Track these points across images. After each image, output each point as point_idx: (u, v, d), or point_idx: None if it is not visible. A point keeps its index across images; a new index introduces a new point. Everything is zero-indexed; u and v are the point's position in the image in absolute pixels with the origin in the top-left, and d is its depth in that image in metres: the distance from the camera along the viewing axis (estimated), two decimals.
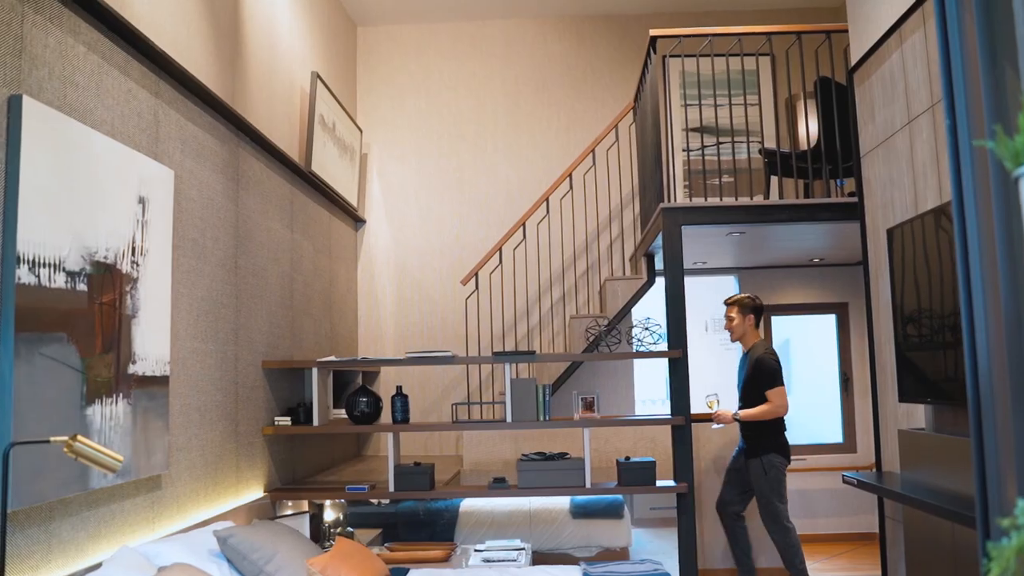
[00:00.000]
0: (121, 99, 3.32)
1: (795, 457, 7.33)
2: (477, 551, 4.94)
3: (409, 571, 4.40)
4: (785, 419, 5.32)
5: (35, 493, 2.61)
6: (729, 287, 7.88)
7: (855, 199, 5.16)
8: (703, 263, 7.30)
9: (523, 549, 4.96)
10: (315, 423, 4.92)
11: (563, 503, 5.82)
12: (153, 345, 3.42)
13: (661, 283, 7.62)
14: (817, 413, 7.79)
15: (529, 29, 7.63)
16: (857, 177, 4.36)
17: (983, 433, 1.12)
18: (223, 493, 4.20)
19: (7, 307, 2.54)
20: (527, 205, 7.22)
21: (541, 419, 4.95)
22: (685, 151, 7.02)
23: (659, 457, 6.09)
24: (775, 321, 7.79)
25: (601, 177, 6.99)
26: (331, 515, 5.26)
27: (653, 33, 5.51)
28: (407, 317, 7.38)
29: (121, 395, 3.14)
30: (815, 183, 5.91)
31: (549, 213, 6.75)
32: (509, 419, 4.94)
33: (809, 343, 7.97)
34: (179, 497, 3.71)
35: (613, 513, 5.79)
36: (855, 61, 4.31)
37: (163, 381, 3.49)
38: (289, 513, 4.82)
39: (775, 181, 5.87)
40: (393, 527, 5.71)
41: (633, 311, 6.62)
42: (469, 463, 6.15)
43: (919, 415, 3.75)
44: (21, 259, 2.57)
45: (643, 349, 5.17)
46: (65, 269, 2.80)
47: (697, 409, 5.25)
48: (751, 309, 5.53)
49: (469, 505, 5.83)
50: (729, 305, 5.62)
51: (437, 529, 5.69)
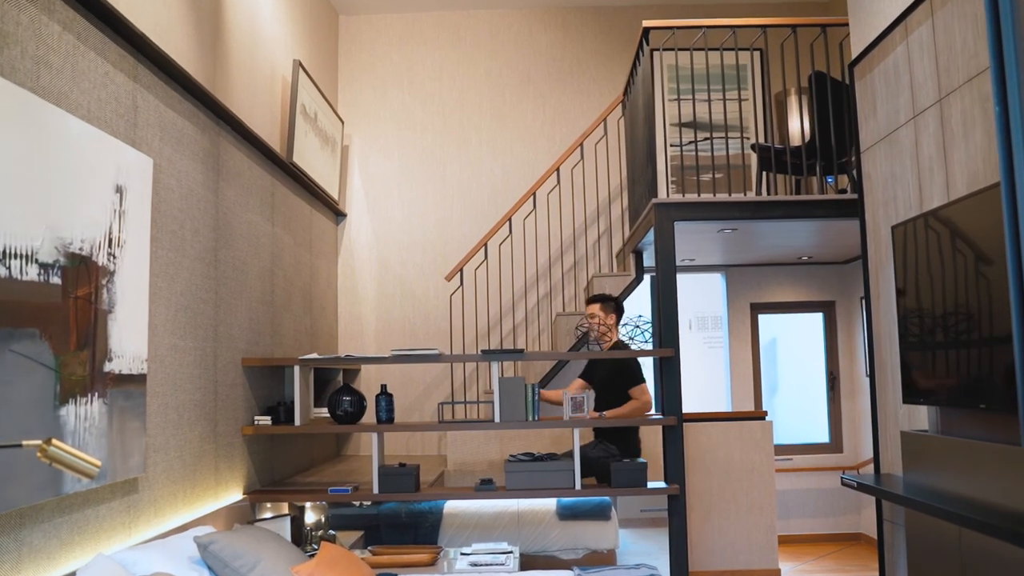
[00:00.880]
0: (98, 82, 3.14)
1: (781, 457, 7.28)
2: (464, 554, 4.80)
3: None
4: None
5: (4, 499, 2.44)
6: (716, 284, 7.79)
7: (849, 196, 5.10)
8: (691, 260, 7.20)
9: (511, 552, 4.83)
10: (297, 423, 4.75)
11: (549, 504, 5.69)
12: (130, 342, 3.24)
13: (648, 280, 7.57)
14: (803, 413, 7.72)
15: (514, 20, 7.48)
16: (857, 173, 4.26)
17: None
18: (201, 496, 4.03)
19: None
20: (512, 199, 7.08)
21: (530, 419, 4.82)
22: (672, 146, 6.91)
23: (646, 458, 5.98)
24: (761, 320, 7.71)
25: (589, 172, 6.87)
26: (312, 517, 5.10)
27: (646, 24, 5.39)
28: (388, 313, 7.22)
29: (96, 394, 2.97)
30: (805, 180, 5.82)
31: (536, 208, 6.62)
32: (497, 419, 4.80)
33: (795, 342, 7.89)
34: (156, 501, 3.54)
35: (600, 515, 5.67)
36: (856, 55, 4.21)
37: (140, 379, 3.33)
38: (269, 516, 4.65)
39: (765, 178, 5.76)
40: (375, 529, 5.55)
41: None
42: (453, 463, 6.01)
43: (920, 416, 3.65)
44: None
45: (635, 347, 5.04)
46: (38, 261, 2.63)
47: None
48: (615, 308, 5.42)
49: (453, 506, 5.68)
50: (592, 302, 5.44)
51: (420, 531, 5.54)
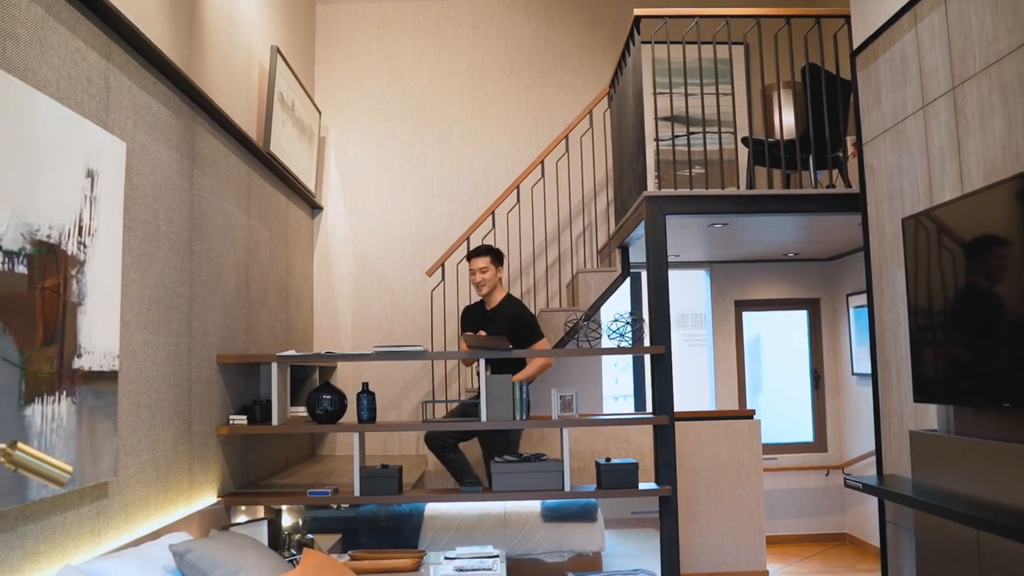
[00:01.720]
0: (68, 59, 2.93)
1: (766, 456, 7.18)
2: (448, 559, 4.63)
3: None
4: None
5: None
6: (700, 281, 7.68)
7: (845, 190, 4.99)
8: (675, 256, 7.07)
9: (497, 556, 4.67)
10: (274, 422, 4.55)
11: (534, 506, 5.53)
12: (101, 337, 3.04)
13: (634, 277, 7.43)
14: (787, 411, 7.63)
15: (496, 10, 7.31)
16: (859, 166, 4.14)
17: None
18: (175, 500, 3.82)
19: None
20: (493, 193, 6.92)
21: (518, 418, 4.66)
22: (656, 140, 6.77)
23: (634, 457, 5.85)
24: (746, 317, 7.60)
25: (574, 165, 6.72)
26: (289, 520, 4.90)
27: (638, 12, 5.25)
28: (366, 309, 7.02)
29: (65, 393, 2.77)
30: (794, 175, 5.71)
31: (520, 201, 6.45)
32: (484, 418, 4.63)
33: (779, 340, 7.80)
34: (128, 506, 3.33)
35: (586, 516, 5.52)
36: (858, 44, 4.09)
37: (111, 377, 3.12)
38: (245, 520, 4.45)
39: (755, 173, 5.64)
40: (354, 532, 5.36)
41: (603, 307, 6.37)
42: (434, 463, 5.83)
43: (928, 416, 3.54)
44: None
45: (626, 344, 4.89)
46: (1, 248, 2.42)
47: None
48: (502, 260, 5.25)
49: (434, 508, 5.50)
50: (478, 256, 5.25)
51: (401, 535, 5.36)
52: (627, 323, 4.90)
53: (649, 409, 7.70)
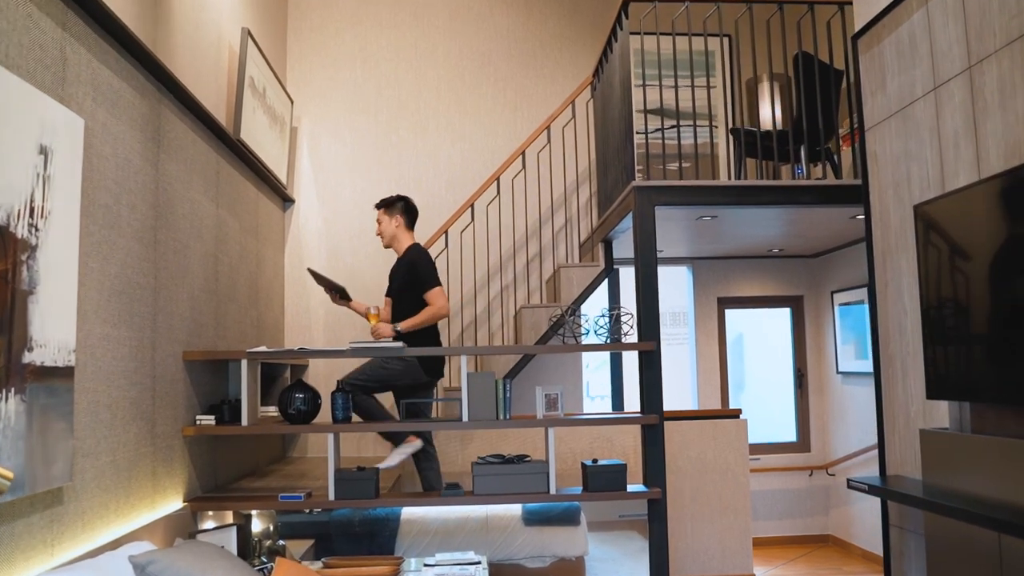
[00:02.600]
0: (19, 24, 2.68)
1: (749, 456, 7.02)
2: (427, 566, 4.40)
3: None
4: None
5: None
6: (682, 278, 7.51)
7: (843, 181, 4.83)
8: (658, 252, 6.89)
9: (479, 562, 4.45)
10: (244, 422, 4.31)
11: (515, 509, 5.32)
12: (55, 329, 2.79)
13: (625, 271, 7.24)
14: (770, 411, 7.48)
15: None
16: (861, 153, 3.98)
17: None
18: (137, 505, 3.57)
19: None
20: (471, 186, 6.71)
21: (501, 418, 4.45)
22: (638, 134, 6.60)
23: (618, 458, 5.67)
24: (728, 315, 7.45)
25: (556, 156, 6.52)
26: (259, 526, 4.66)
27: None
28: (339, 306, 6.75)
29: (13, 390, 2.51)
30: (792, 165, 5.56)
31: (500, 194, 6.24)
32: (465, 418, 4.42)
33: (762, 338, 7.65)
34: (84, 513, 3.08)
35: (569, 520, 5.32)
36: (861, 25, 3.92)
37: (67, 373, 2.87)
38: (212, 526, 4.20)
39: (745, 165, 5.48)
40: (327, 538, 5.12)
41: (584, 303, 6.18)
42: (412, 465, 5.59)
43: (938, 414, 3.37)
44: None
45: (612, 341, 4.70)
46: None
47: None
48: (401, 210, 5.08)
49: (411, 512, 5.28)
50: (377, 209, 5.17)
51: (376, 540, 5.13)
52: (616, 318, 4.71)
53: (627, 409, 7.53)
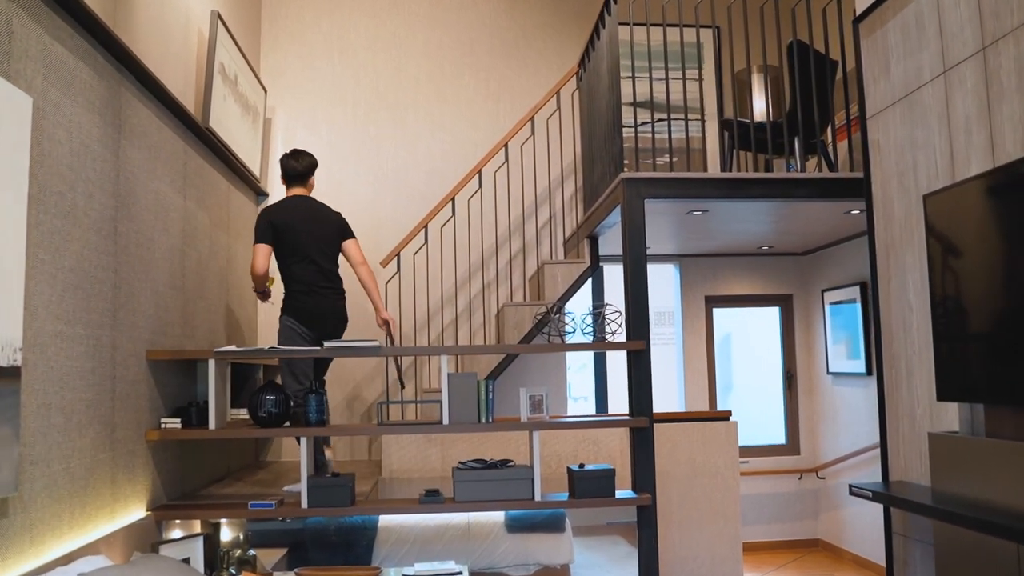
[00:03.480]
0: None
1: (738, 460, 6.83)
2: None
3: None
4: (304, 281, 4.76)
5: None
6: (668, 276, 7.32)
7: (841, 174, 4.65)
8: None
9: (460, 572, 4.23)
10: (212, 426, 4.07)
11: (497, 516, 5.12)
12: None
13: (608, 269, 7.03)
14: (758, 413, 7.30)
15: None
16: (863, 142, 3.79)
17: None
18: (94, 516, 3.32)
19: None
20: (451, 179, 6.50)
21: (484, 421, 4.24)
22: (626, 127, 6.41)
23: (604, 462, 5.48)
24: (716, 314, 7.26)
25: (540, 148, 6.31)
26: (229, 535, 4.42)
27: None
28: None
29: None
30: (772, 162, 5.38)
31: (482, 187, 6.02)
32: (446, 421, 4.21)
33: (750, 338, 7.48)
34: (34, 526, 2.83)
35: (554, 526, 5.13)
36: (863, 9, 3.73)
37: (12, 373, 2.62)
38: (178, 536, 3.96)
39: (734, 158, 5.30)
40: (301, 546, 4.89)
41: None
42: (389, 471, 5.38)
43: (946, 416, 3.19)
44: None
45: (600, 340, 4.49)
46: None
47: None
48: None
49: (388, 519, 5.05)
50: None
51: (353, 549, 4.90)
52: (603, 317, 4.50)
53: (611, 410, 7.34)
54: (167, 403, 4.19)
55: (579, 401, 9.14)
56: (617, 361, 7.53)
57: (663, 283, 7.46)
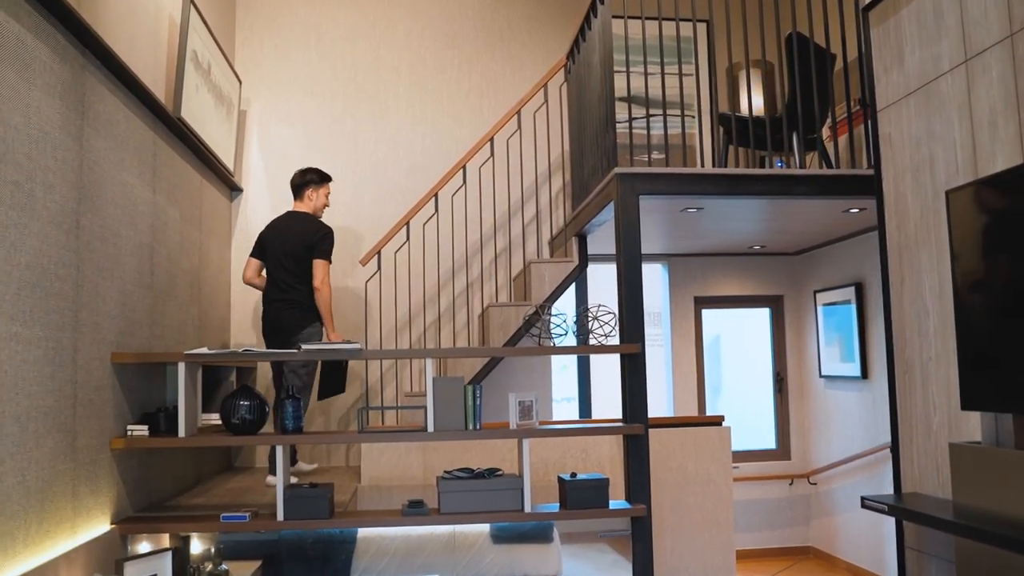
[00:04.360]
0: None
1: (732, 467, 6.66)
2: None
3: None
4: (265, 294, 5.13)
5: None
6: (656, 276, 7.14)
7: (846, 171, 4.48)
8: None
9: None
10: (182, 433, 3.82)
11: (483, 526, 4.90)
12: None
13: (592, 269, 6.82)
14: (748, 417, 7.13)
15: None
16: (872, 137, 3.61)
17: None
18: (53, 532, 3.07)
19: None
20: (433, 174, 6.29)
21: (471, 428, 4.03)
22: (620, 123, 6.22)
23: (594, 470, 5.28)
24: (705, 314, 7.08)
25: (527, 142, 6.10)
26: (199, 548, 4.17)
27: None
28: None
29: None
30: (766, 159, 5.21)
31: (466, 183, 5.80)
32: (431, 428, 3.99)
33: (740, 340, 7.30)
34: None
35: (541, 537, 4.93)
36: None
37: None
38: (145, 551, 3.71)
39: (728, 154, 5.11)
40: (276, 559, 4.65)
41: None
42: (368, 479, 5.14)
43: (967, 425, 3.01)
44: None
45: (594, 342, 4.28)
46: None
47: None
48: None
49: (368, 531, 4.82)
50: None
51: (331, 562, 4.67)
52: (595, 317, 4.30)
53: (595, 415, 7.14)
54: (134, 409, 3.94)
55: (561, 403, 8.94)
56: (601, 362, 7.34)
57: (651, 283, 7.27)
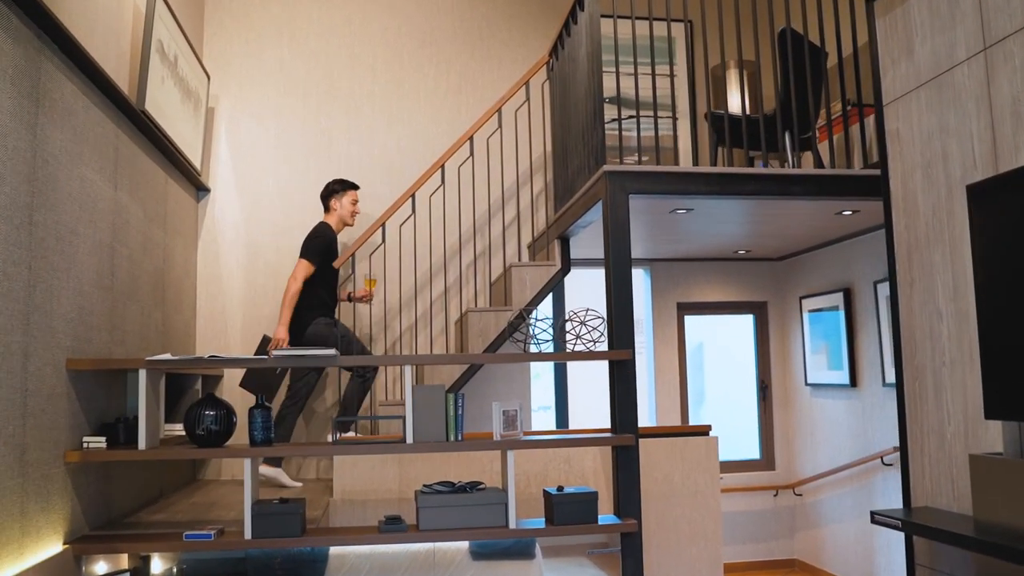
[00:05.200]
0: None
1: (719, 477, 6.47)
2: None
3: None
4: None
5: None
6: (638, 281, 6.95)
7: (846, 171, 4.32)
8: None
9: None
10: (142, 445, 3.56)
11: (462, 542, 4.66)
12: None
13: (575, 274, 6.63)
14: (731, 426, 6.95)
15: None
16: (878, 132, 3.44)
17: None
18: None
19: None
20: (409, 175, 6.08)
21: (452, 439, 3.80)
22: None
23: (579, 482, 5.07)
24: (688, 321, 6.90)
25: (507, 141, 5.90)
26: (160, 567, 3.90)
27: None
28: (259, 309, 6.01)
29: None
30: (755, 159, 5.05)
31: (444, 183, 5.58)
32: (410, 439, 3.76)
33: (723, 347, 7.13)
34: None
35: (523, 553, 4.68)
36: None
37: None
38: (102, 572, 3.45)
39: (722, 153, 4.95)
40: None
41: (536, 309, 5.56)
42: (341, 492, 4.89)
43: (986, 436, 2.84)
44: None
45: (581, 348, 4.08)
46: None
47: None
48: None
49: (341, 547, 4.57)
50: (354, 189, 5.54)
51: None
52: (582, 322, 4.09)
53: (571, 424, 6.94)
54: (91, 419, 3.67)
55: (538, 412, 8.71)
56: (577, 370, 7.14)
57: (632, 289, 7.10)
